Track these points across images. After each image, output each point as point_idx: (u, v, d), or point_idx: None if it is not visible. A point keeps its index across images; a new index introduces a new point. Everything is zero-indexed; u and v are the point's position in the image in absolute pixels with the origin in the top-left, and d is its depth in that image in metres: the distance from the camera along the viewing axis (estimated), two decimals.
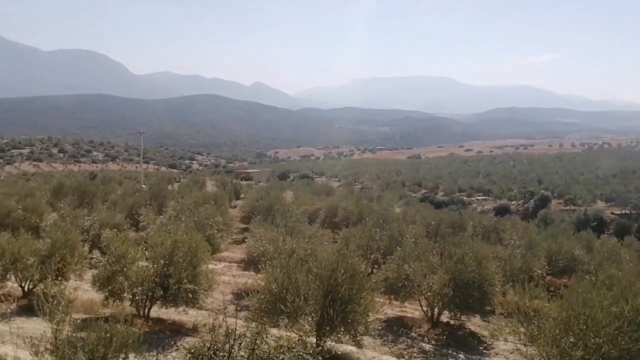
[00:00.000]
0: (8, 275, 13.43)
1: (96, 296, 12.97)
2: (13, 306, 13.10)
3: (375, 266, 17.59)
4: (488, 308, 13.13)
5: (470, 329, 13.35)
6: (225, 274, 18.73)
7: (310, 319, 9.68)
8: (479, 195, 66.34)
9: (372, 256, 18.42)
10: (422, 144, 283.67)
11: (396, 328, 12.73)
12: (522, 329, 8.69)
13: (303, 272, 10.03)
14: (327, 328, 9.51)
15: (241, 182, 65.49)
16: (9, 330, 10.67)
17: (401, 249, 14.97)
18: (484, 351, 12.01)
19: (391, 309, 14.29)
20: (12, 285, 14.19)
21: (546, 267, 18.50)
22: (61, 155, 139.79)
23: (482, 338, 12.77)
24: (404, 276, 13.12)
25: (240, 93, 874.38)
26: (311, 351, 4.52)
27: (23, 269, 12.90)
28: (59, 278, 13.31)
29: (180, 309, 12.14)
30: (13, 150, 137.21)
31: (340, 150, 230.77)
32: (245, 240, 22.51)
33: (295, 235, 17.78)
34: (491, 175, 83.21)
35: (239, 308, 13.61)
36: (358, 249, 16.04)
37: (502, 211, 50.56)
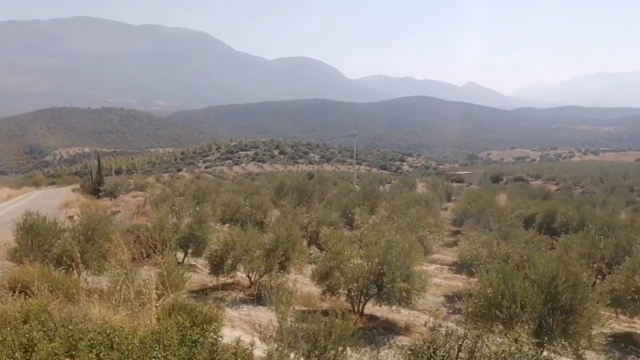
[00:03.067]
0: (237, 266, 14.72)
1: (314, 290, 13.66)
2: (241, 294, 14.28)
3: (599, 276, 16.32)
4: None
5: None
6: (437, 276, 18.63)
7: (527, 327, 9.27)
8: None
9: (595, 265, 17.11)
10: None
11: (624, 345, 11.69)
12: None
13: (519, 278, 9.63)
14: (546, 338, 9.03)
15: (452, 184, 64.67)
16: (238, 316, 11.65)
17: (630, 258, 13.71)
18: None
19: (618, 324, 13.11)
20: (240, 275, 15.50)
21: None
22: (281, 156, 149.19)
23: None
24: (633, 289, 11.97)
25: (452, 94, 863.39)
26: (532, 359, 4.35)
27: (250, 260, 14.00)
28: (282, 271, 14.24)
29: (393, 307, 12.29)
30: (240, 152, 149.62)
31: (558, 151, 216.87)
32: (457, 243, 22.22)
33: (510, 239, 17.13)
34: None
35: (450, 311, 13.48)
36: (580, 256, 14.99)
37: None
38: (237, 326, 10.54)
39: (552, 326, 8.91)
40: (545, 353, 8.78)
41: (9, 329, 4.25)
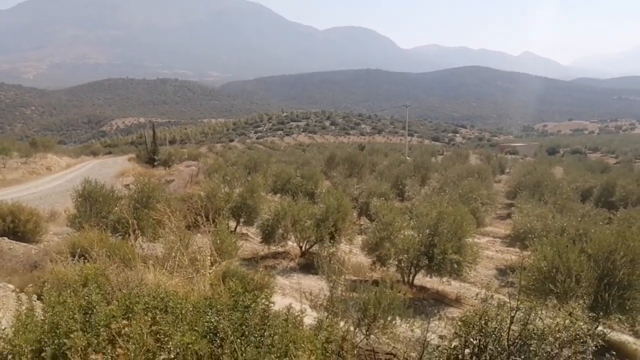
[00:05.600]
0: (288, 236, 14.88)
1: (364, 260, 13.70)
2: (292, 263, 14.45)
3: None
4: None
5: None
6: (489, 248, 18.41)
7: (581, 301, 9.08)
8: None
9: None
10: None
11: None
12: None
13: (575, 252, 9.43)
14: (601, 313, 8.84)
15: (506, 156, 63.51)
16: (289, 284, 11.80)
17: None
18: None
19: None
20: (291, 244, 15.68)
21: None
22: (333, 127, 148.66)
23: None
24: None
25: (507, 64, 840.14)
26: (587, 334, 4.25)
27: (301, 230, 14.13)
28: (332, 241, 14.32)
29: (444, 279, 12.22)
30: (291, 123, 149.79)
31: (618, 123, 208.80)
32: (510, 215, 21.88)
33: (566, 213, 16.78)
34: None
35: (502, 284, 13.33)
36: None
37: None
38: (287, 294, 10.67)
39: (608, 301, 8.72)
40: (600, 328, 8.63)
41: (69, 291, 4.40)
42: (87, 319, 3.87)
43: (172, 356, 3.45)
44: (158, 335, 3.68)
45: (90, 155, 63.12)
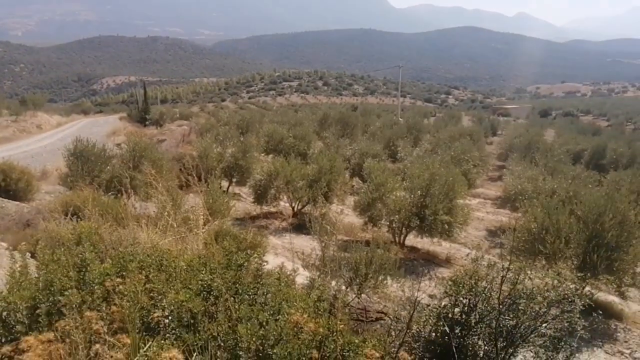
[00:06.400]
0: (281, 196, 14.94)
1: (356, 220, 13.78)
2: (284, 223, 14.53)
3: None
4: None
5: None
6: (480, 210, 18.56)
7: (570, 262, 9.20)
8: None
9: None
10: None
11: None
12: None
13: (565, 214, 9.51)
14: (589, 274, 8.97)
15: (498, 118, 63.53)
16: (281, 244, 11.89)
17: None
18: None
19: None
20: (283, 204, 15.74)
21: None
22: (325, 88, 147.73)
23: None
24: None
25: (501, 25, 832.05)
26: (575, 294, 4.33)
27: (294, 190, 14.18)
28: (324, 201, 14.38)
29: (435, 240, 12.33)
30: (284, 83, 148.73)
31: (611, 86, 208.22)
32: (502, 177, 22.01)
33: (557, 175, 16.88)
34: None
35: (492, 245, 13.48)
36: (630, 194, 14.67)
37: None
38: (280, 254, 10.75)
39: (596, 262, 8.83)
40: (588, 288, 8.77)
41: (62, 249, 4.42)
42: (82, 277, 3.90)
43: (167, 313, 3.49)
44: (152, 293, 3.71)
45: (81, 114, 62.63)
